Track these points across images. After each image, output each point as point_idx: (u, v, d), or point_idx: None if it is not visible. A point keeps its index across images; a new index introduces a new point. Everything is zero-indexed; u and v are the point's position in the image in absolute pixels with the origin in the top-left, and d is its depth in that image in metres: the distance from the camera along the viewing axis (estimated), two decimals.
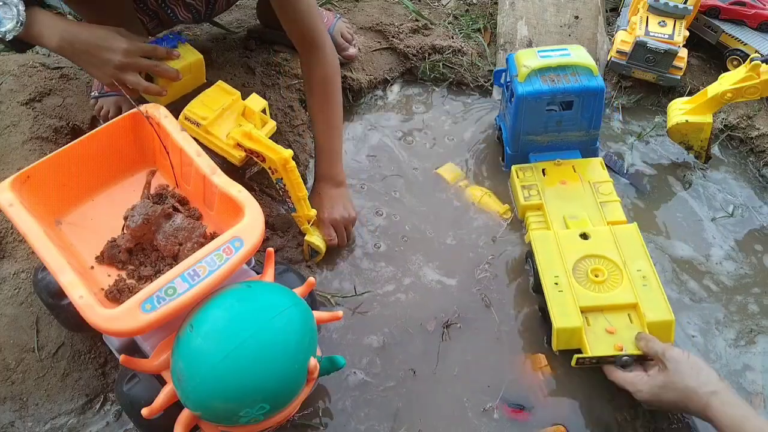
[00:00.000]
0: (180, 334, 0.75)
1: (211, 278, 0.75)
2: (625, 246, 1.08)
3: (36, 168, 0.87)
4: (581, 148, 1.27)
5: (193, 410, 0.75)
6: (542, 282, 1.04)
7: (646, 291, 1.02)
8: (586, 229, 1.11)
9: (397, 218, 1.24)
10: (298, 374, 0.77)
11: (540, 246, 1.09)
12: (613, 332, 0.99)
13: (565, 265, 1.06)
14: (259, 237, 0.80)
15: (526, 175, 1.24)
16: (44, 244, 0.78)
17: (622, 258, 1.06)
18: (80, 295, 0.73)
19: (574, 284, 1.03)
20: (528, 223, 1.18)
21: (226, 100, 1.02)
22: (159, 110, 0.93)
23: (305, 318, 0.80)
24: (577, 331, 0.99)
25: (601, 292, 1.03)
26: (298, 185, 1.05)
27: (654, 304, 1.01)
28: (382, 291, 1.13)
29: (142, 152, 0.98)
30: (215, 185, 0.87)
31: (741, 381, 1.03)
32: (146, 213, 0.88)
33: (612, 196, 1.18)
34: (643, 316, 1.00)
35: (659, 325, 0.99)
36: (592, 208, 1.16)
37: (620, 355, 0.95)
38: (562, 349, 1.01)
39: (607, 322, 1.00)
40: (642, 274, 1.04)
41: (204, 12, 1.26)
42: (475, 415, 0.97)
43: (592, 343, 0.98)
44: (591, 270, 1.05)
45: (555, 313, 1.00)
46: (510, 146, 1.28)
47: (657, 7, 1.41)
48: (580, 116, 1.22)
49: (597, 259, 1.07)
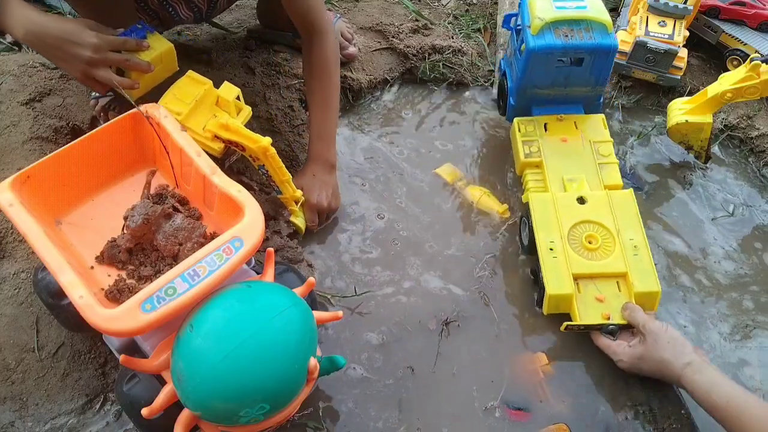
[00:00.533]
0: (180, 334, 0.75)
1: (211, 278, 0.75)
2: (620, 213, 1.10)
3: (36, 168, 0.87)
4: (585, 103, 1.26)
5: (193, 410, 0.75)
6: (537, 246, 1.06)
7: (636, 261, 1.05)
8: (583, 193, 1.13)
9: (395, 218, 1.24)
10: (298, 374, 0.77)
11: (537, 209, 1.10)
12: (602, 300, 1.02)
13: (561, 230, 1.08)
14: (259, 237, 0.80)
15: (527, 129, 1.22)
16: (44, 244, 0.77)
17: (616, 226, 1.08)
18: (80, 295, 0.73)
19: (569, 250, 1.06)
20: (526, 181, 1.19)
21: (199, 91, 0.99)
22: (159, 110, 0.93)
23: (305, 318, 0.80)
24: (569, 298, 1.02)
25: (594, 259, 1.05)
26: (282, 170, 1.06)
27: (643, 275, 1.03)
28: (381, 290, 1.13)
29: (142, 152, 0.98)
30: (215, 185, 0.87)
31: (739, 375, 1.04)
32: (146, 213, 0.88)
33: (611, 158, 1.18)
34: (631, 285, 1.02)
35: (646, 296, 1.02)
36: (590, 170, 1.17)
37: (607, 323, 1.00)
38: (551, 313, 1.05)
39: (596, 290, 1.03)
40: (634, 243, 1.06)
41: (205, 10, 1.26)
42: (476, 414, 0.97)
43: (581, 311, 1.01)
44: (585, 236, 1.08)
45: (548, 279, 1.03)
46: (514, 97, 1.26)
47: (657, 7, 1.41)
48: (588, 73, 1.19)
49: (592, 225, 1.09)
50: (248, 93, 1.30)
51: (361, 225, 1.22)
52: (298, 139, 1.32)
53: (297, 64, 1.39)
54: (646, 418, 0.97)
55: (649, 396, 0.98)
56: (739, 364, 1.05)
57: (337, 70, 1.21)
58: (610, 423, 0.97)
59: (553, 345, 1.05)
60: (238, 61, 1.37)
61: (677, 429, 0.96)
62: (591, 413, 0.98)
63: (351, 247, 1.19)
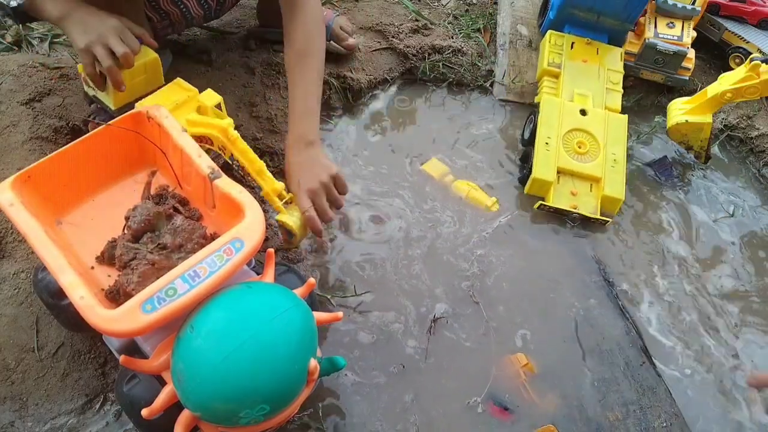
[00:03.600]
0: (180, 335, 0.75)
1: (211, 279, 0.75)
2: (611, 131, 1.28)
3: (37, 168, 0.87)
4: (611, 35, 1.42)
5: (193, 411, 0.75)
6: (537, 137, 1.25)
7: (612, 171, 1.24)
8: (586, 107, 1.30)
9: (389, 216, 1.24)
10: (299, 375, 0.77)
11: (546, 108, 1.29)
12: (575, 194, 1.23)
13: (560, 130, 1.27)
14: (260, 238, 0.80)
15: (557, 42, 1.39)
16: (45, 245, 0.77)
17: (605, 140, 1.27)
18: (81, 296, 0.73)
19: (560, 148, 1.25)
20: (541, 85, 1.36)
21: (181, 96, 1.00)
22: (160, 110, 0.93)
23: (305, 319, 0.80)
24: (548, 184, 1.23)
25: (578, 161, 1.25)
26: (249, 155, 0.98)
27: (614, 183, 1.23)
28: (373, 288, 1.13)
29: (143, 153, 0.98)
30: (216, 186, 0.86)
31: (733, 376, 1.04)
32: (148, 214, 0.88)
33: (618, 87, 1.36)
34: (602, 189, 1.23)
35: (611, 200, 1.23)
36: (598, 91, 1.34)
37: (572, 211, 1.20)
38: (532, 194, 1.25)
39: (573, 185, 1.24)
40: (614, 157, 1.26)
41: (214, 8, 1.26)
42: (466, 410, 0.98)
43: (555, 197, 1.22)
44: (577, 141, 1.26)
45: (537, 165, 1.23)
46: (554, 12, 1.42)
47: (665, 9, 1.40)
48: (623, 6, 1.34)
49: (585, 134, 1.27)
50: (248, 93, 1.30)
51: (357, 225, 1.22)
52: None
53: None
54: (636, 417, 0.97)
55: (639, 395, 0.98)
56: (734, 365, 1.06)
57: (319, 47, 1.11)
58: (601, 422, 0.97)
59: (543, 344, 1.06)
60: (238, 61, 1.37)
61: (667, 428, 0.96)
62: (581, 413, 0.98)
63: (346, 245, 1.19)
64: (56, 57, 1.36)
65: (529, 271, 1.17)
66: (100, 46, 0.95)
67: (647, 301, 1.14)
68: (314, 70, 1.10)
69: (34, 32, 1.41)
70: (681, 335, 1.09)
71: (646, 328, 1.11)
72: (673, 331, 1.09)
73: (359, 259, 1.17)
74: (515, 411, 0.97)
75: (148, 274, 0.81)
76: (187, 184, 0.95)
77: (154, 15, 1.19)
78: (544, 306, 1.12)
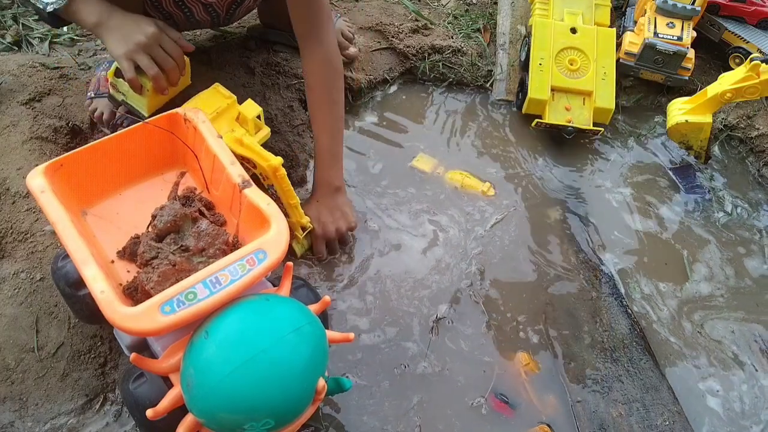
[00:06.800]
0: (194, 340, 0.75)
1: (232, 287, 0.75)
2: (601, 45, 1.37)
3: (69, 157, 0.87)
4: None
5: (197, 417, 0.75)
6: (531, 60, 1.34)
7: (603, 84, 1.35)
8: (576, 24, 1.39)
9: (387, 216, 1.24)
10: (306, 393, 0.76)
11: (538, 32, 1.37)
12: (569, 109, 1.33)
13: (552, 51, 1.35)
14: (283, 251, 0.79)
15: None
16: (72, 235, 0.77)
17: (595, 54, 1.36)
18: (102, 290, 0.73)
19: (553, 68, 1.34)
20: (534, 9, 1.44)
21: (222, 104, 1.01)
22: (198, 114, 0.93)
23: (318, 337, 0.79)
24: (543, 103, 1.33)
25: (571, 78, 1.34)
26: (289, 193, 1.04)
27: (604, 95, 1.34)
28: (373, 289, 1.13)
29: (174, 153, 0.98)
30: (245, 195, 0.87)
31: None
32: (175, 215, 0.88)
33: (606, 1, 1.45)
34: (593, 102, 1.33)
35: (602, 111, 1.34)
36: (587, 8, 1.44)
37: (567, 125, 1.30)
38: (529, 113, 1.35)
39: (566, 101, 1.33)
40: (604, 70, 1.36)
41: (223, 17, 1.25)
42: (470, 411, 0.98)
43: (550, 114, 1.32)
44: (569, 59, 1.36)
45: (532, 86, 1.33)
46: None
47: (665, 8, 1.40)
48: None
49: (577, 51, 1.37)
50: (248, 93, 1.29)
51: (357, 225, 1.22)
52: (297, 138, 1.32)
53: (297, 64, 1.39)
54: (640, 414, 0.97)
55: (642, 392, 0.98)
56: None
57: (340, 86, 1.15)
58: (605, 419, 0.97)
59: (543, 342, 1.06)
60: (238, 61, 1.37)
61: (670, 425, 0.96)
62: (585, 410, 0.98)
63: (349, 249, 1.19)
64: (56, 57, 1.36)
65: (529, 268, 1.17)
66: (142, 55, 0.95)
67: (651, 299, 1.15)
68: (339, 119, 1.16)
69: (34, 32, 1.41)
70: (683, 333, 1.09)
71: (650, 325, 1.11)
72: (677, 330, 1.09)
73: (354, 260, 1.17)
74: (517, 408, 0.98)
75: (167, 275, 0.81)
76: (215, 189, 0.95)
77: (156, 14, 1.18)
78: (545, 304, 1.12)
